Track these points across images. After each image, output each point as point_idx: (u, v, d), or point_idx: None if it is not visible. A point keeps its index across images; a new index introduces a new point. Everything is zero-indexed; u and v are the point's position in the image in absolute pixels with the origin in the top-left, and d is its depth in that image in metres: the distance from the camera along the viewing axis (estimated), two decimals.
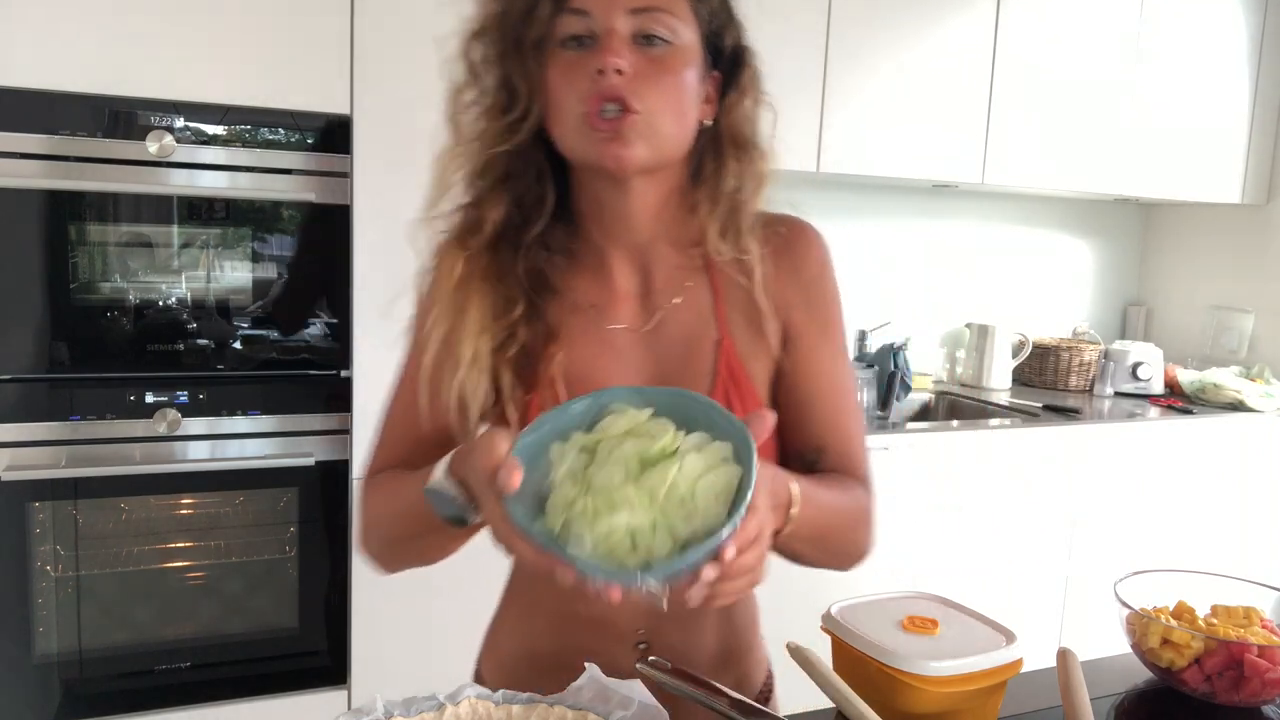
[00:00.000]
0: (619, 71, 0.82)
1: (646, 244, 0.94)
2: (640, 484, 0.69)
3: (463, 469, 0.76)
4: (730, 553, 0.66)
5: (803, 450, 0.98)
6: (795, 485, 0.80)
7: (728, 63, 0.93)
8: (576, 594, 0.67)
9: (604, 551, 0.67)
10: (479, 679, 1.06)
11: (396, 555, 0.98)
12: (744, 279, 0.93)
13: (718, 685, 0.84)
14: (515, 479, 0.68)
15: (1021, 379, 3.18)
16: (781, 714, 0.82)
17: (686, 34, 0.86)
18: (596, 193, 0.92)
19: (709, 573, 0.66)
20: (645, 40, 0.84)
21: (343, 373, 1.93)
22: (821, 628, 1.02)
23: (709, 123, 0.92)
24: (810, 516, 0.83)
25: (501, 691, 0.80)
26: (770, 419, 0.72)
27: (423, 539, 0.90)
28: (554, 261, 0.93)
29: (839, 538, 0.99)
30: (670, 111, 0.85)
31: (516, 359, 0.90)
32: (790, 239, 0.96)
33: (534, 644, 1.02)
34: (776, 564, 2.31)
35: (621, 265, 0.95)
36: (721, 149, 0.92)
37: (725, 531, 0.65)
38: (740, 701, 0.82)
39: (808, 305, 0.96)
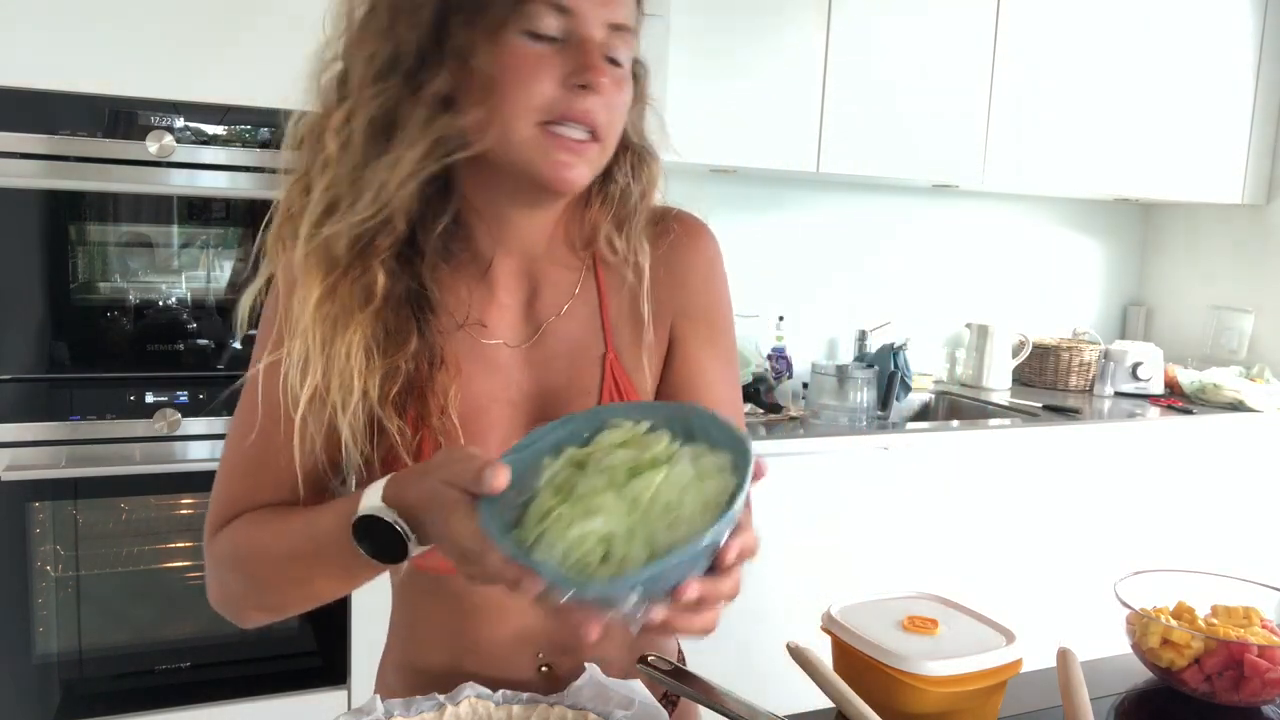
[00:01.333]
0: (599, 93, 0.76)
1: (540, 252, 0.88)
2: (623, 492, 0.64)
3: (408, 493, 0.69)
4: (696, 581, 0.59)
5: None
6: None
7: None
8: (547, 609, 0.62)
9: (574, 560, 0.61)
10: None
11: (267, 604, 0.87)
12: (633, 278, 0.88)
13: (718, 686, 0.84)
14: (501, 478, 0.63)
15: (1021, 379, 3.18)
16: (781, 714, 0.82)
17: (630, 56, 0.81)
18: (505, 199, 0.83)
19: (691, 591, 0.59)
20: (609, 60, 0.77)
21: None
22: (821, 628, 1.02)
23: None
24: None
25: (501, 692, 0.80)
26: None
27: (312, 583, 0.81)
28: (433, 270, 0.83)
29: None
30: (616, 138, 0.81)
31: (400, 393, 0.80)
32: (680, 237, 0.91)
33: (426, 661, 0.92)
34: (777, 565, 2.31)
35: (507, 274, 0.87)
36: (616, 152, 0.85)
37: (705, 540, 0.58)
38: (740, 701, 0.82)
39: (693, 311, 0.91)
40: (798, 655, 0.94)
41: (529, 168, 0.77)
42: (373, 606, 1.95)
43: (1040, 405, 2.80)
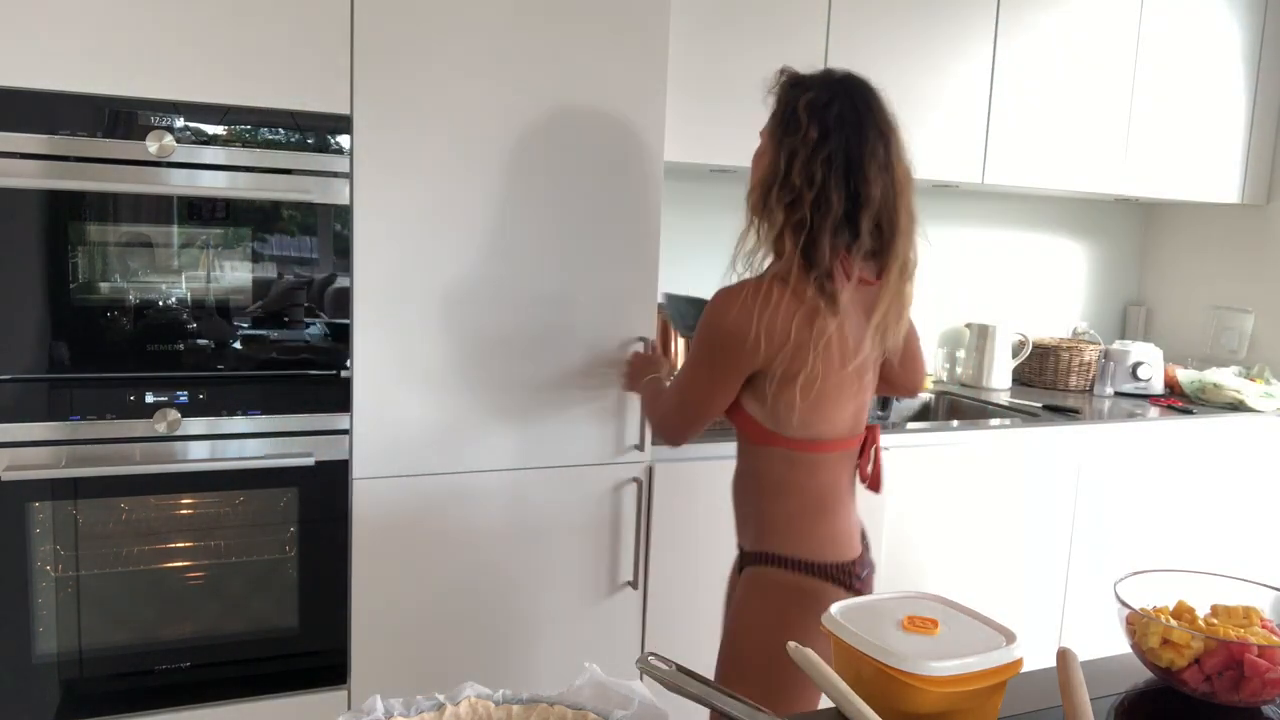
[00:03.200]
0: None
1: None
2: None
3: None
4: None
5: None
6: (650, 378, 1.79)
7: None
8: None
9: None
10: None
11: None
12: None
13: (718, 686, 0.84)
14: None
15: (1021, 379, 3.18)
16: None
17: (763, 132, 1.53)
18: None
19: None
20: None
21: (343, 373, 1.93)
22: (821, 628, 1.02)
23: None
24: (643, 395, 1.81)
25: (501, 691, 0.80)
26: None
27: None
28: None
29: (646, 414, 1.82)
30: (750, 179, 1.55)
31: None
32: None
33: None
34: None
35: None
36: None
37: None
38: (740, 702, 0.82)
39: None
40: (798, 655, 0.94)
41: None
42: (373, 607, 1.95)
43: (1040, 405, 2.80)
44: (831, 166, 1.36)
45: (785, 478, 1.49)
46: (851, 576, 1.50)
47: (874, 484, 1.60)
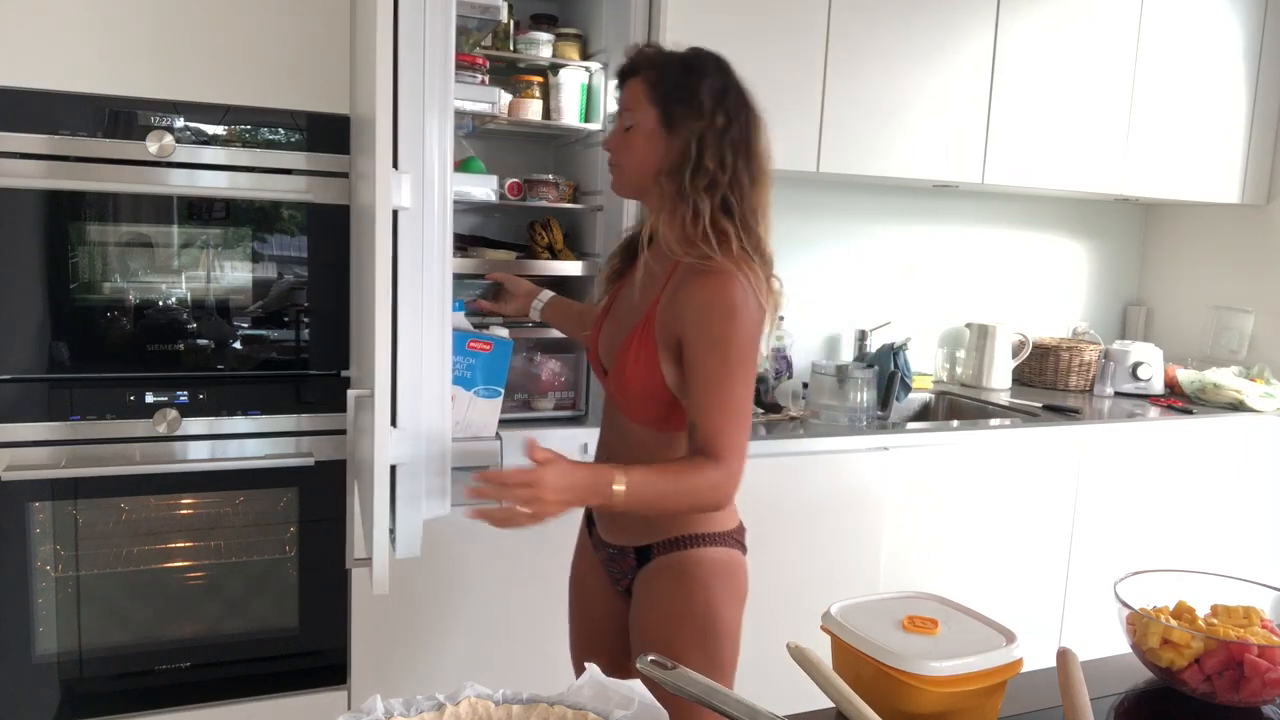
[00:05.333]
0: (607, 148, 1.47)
1: (656, 239, 1.41)
2: None
3: None
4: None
5: (689, 419, 1.36)
6: (620, 484, 1.26)
7: (690, 120, 1.37)
8: None
9: None
10: None
11: None
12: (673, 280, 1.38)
13: (718, 686, 0.84)
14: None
15: (1021, 379, 3.18)
16: (781, 714, 0.82)
17: (642, 115, 1.40)
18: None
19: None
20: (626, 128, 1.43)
21: (343, 373, 1.93)
22: (821, 627, 1.02)
23: (685, 159, 1.37)
24: (638, 500, 1.28)
25: (501, 691, 0.80)
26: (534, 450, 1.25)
27: None
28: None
29: (672, 509, 1.36)
30: (626, 171, 1.44)
31: None
32: (694, 274, 1.34)
33: None
34: (777, 565, 2.31)
35: (651, 249, 1.43)
36: (691, 178, 1.36)
37: None
38: (740, 702, 0.82)
39: (686, 334, 1.34)
40: (798, 655, 0.94)
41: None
42: (373, 607, 1.95)
43: (1040, 405, 2.80)
44: (737, 150, 1.37)
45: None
46: (744, 536, 1.50)
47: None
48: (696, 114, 1.36)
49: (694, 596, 1.41)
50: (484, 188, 2.12)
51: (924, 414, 3.00)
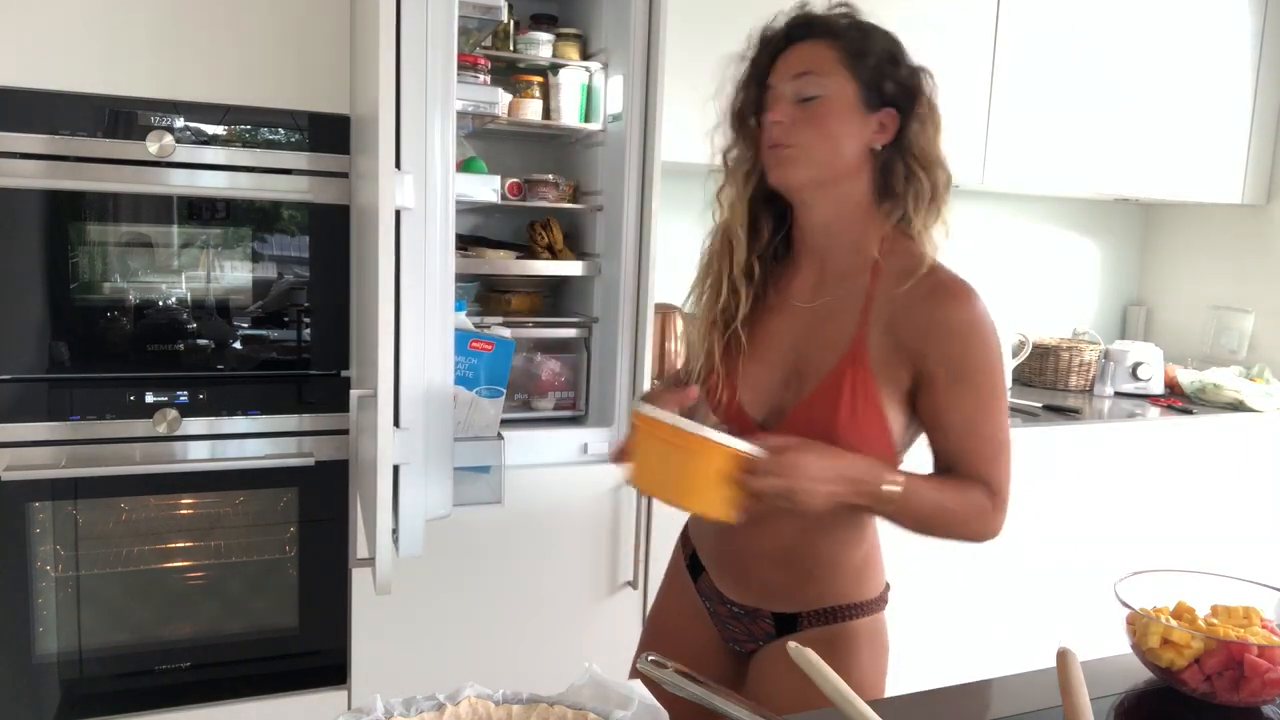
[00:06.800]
0: (779, 122, 1.16)
1: (824, 248, 1.22)
2: None
3: None
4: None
5: (939, 460, 1.19)
6: (894, 485, 1.08)
7: (898, 99, 1.18)
8: None
9: None
10: None
11: None
12: (898, 288, 1.14)
13: (718, 686, 0.84)
14: None
15: (1021, 379, 3.18)
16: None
17: (836, 86, 1.15)
18: (794, 211, 1.24)
19: None
20: (800, 100, 1.16)
21: (343, 373, 1.93)
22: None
23: (878, 148, 1.18)
24: (910, 508, 1.10)
25: (501, 691, 0.80)
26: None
27: None
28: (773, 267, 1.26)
29: (940, 528, 1.14)
30: (806, 149, 1.15)
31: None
32: (939, 293, 1.13)
33: None
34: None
35: (808, 263, 1.23)
36: (894, 168, 1.18)
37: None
38: (740, 702, 0.82)
39: (940, 360, 1.12)
40: (798, 655, 0.94)
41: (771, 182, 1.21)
42: (373, 607, 1.95)
43: (1040, 405, 2.80)
44: (933, 146, 1.22)
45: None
46: (888, 593, 1.33)
47: None
48: (908, 94, 1.18)
49: (848, 677, 1.18)
50: (486, 188, 2.12)
51: None
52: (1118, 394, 3.05)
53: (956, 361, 1.12)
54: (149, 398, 1.81)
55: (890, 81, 1.17)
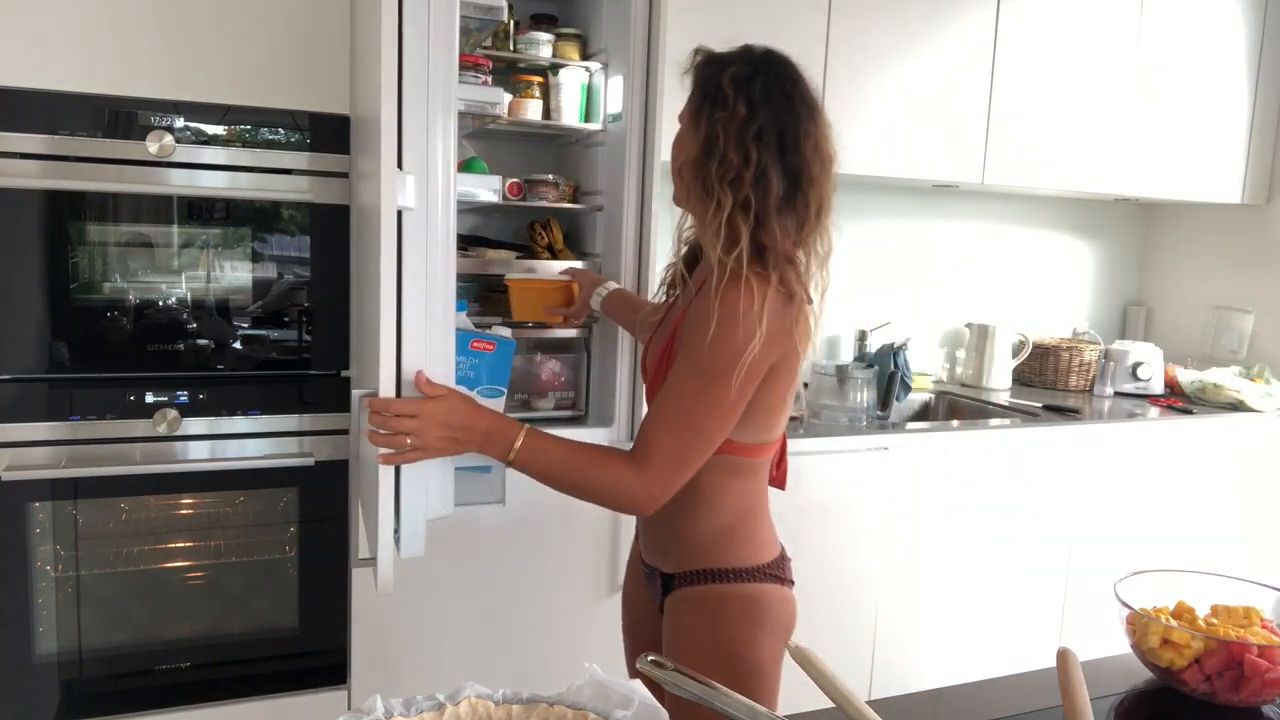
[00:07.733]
0: None
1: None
2: None
3: None
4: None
5: None
6: (518, 442, 1.23)
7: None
8: None
9: None
10: None
11: None
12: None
13: (718, 686, 0.84)
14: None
15: (1021, 379, 3.18)
16: (781, 714, 0.82)
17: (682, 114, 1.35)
18: None
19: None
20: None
21: (343, 373, 1.93)
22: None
23: None
24: (536, 463, 1.24)
25: (501, 691, 0.80)
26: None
27: None
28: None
29: (571, 486, 1.26)
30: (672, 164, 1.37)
31: None
32: (709, 277, 1.26)
33: None
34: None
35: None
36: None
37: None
38: (740, 702, 0.82)
39: (685, 329, 1.28)
40: (798, 655, 0.94)
41: None
42: (373, 607, 1.95)
43: (1040, 405, 2.80)
44: (763, 143, 1.26)
45: (724, 486, 1.34)
46: (787, 570, 1.40)
47: (781, 482, 1.47)
48: (718, 103, 1.28)
49: (717, 635, 1.32)
50: (487, 188, 2.12)
51: (924, 414, 3.00)
52: (1118, 394, 3.05)
53: (691, 333, 1.25)
54: (149, 398, 1.81)
55: (706, 95, 1.34)
